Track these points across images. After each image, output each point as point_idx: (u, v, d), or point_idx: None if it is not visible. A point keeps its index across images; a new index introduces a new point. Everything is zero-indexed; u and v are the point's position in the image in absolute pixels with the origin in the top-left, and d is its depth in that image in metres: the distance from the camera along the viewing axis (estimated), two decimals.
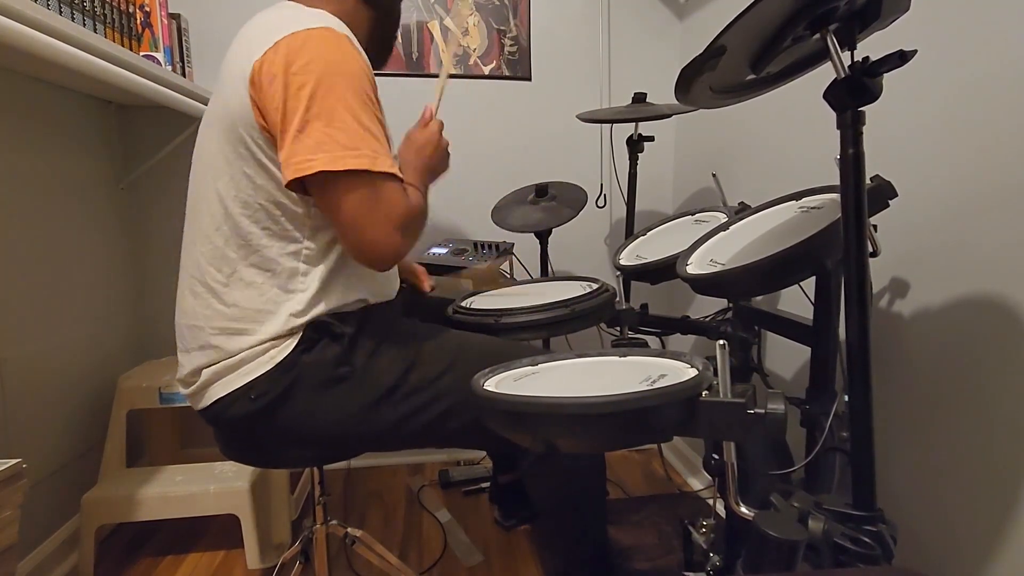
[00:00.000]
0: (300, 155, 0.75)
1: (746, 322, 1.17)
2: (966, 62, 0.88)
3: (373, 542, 1.17)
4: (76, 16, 1.19)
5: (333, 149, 0.75)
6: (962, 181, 0.89)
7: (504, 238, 1.68)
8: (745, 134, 1.55)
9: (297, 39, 0.77)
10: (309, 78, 0.76)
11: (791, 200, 1.02)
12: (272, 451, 0.93)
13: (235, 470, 1.42)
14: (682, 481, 1.81)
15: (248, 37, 0.84)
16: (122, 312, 1.66)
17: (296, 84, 0.75)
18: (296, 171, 0.75)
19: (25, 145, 1.28)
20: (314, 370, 0.85)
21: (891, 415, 1.01)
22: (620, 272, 1.32)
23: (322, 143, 0.75)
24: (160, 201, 1.72)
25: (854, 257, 0.66)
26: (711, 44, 0.66)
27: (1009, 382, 0.82)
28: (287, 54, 0.76)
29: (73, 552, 1.36)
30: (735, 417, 0.59)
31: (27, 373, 1.26)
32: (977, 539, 0.87)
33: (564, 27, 1.90)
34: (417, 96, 1.84)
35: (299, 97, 0.75)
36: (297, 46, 0.77)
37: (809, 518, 0.66)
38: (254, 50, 0.78)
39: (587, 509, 1.04)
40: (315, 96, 0.75)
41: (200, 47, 1.69)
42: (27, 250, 1.28)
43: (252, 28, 0.86)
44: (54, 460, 1.35)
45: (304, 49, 0.77)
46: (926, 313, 0.96)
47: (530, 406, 0.62)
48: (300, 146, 0.75)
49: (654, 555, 1.35)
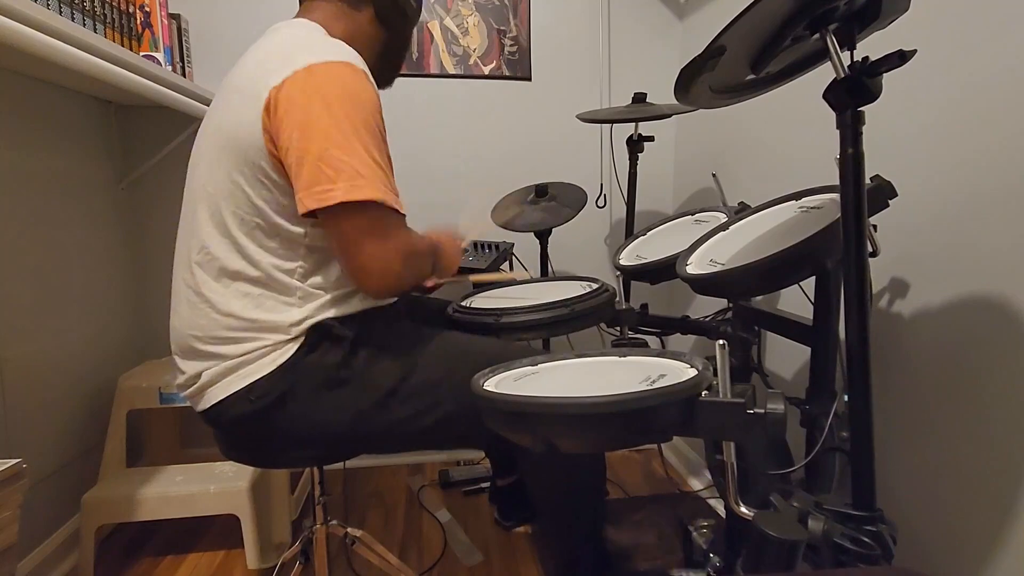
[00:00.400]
0: (321, 184, 0.77)
1: (746, 322, 1.17)
2: (966, 62, 0.88)
3: (373, 542, 1.17)
4: (76, 16, 1.19)
5: (352, 179, 0.77)
6: (962, 181, 0.89)
7: (504, 238, 1.68)
8: (745, 134, 1.55)
9: (317, 71, 0.79)
10: (327, 111, 0.77)
11: (791, 200, 1.02)
12: (272, 452, 0.93)
13: (235, 470, 1.42)
14: (682, 481, 1.81)
15: (263, 57, 0.85)
16: (122, 312, 1.66)
17: (314, 115, 0.77)
18: (318, 201, 0.77)
19: (25, 145, 1.29)
20: (315, 372, 0.85)
21: (891, 415, 1.01)
22: (620, 272, 1.32)
23: (341, 172, 0.77)
24: (160, 201, 1.72)
25: (854, 257, 0.66)
26: (711, 44, 0.66)
27: (1009, 382, 0.82)
28: (305, 86, 0.78)
29: (73, 552, 1.36)
30: (735, 417, 0.59)
31: (27, 373, 1.26)
32: (977, 539, 0.87)
33: (564, 27, 1.90)
34: (417, 96, 1.84)
35: (317, 127, 0.77)
36: (317, 78, 0.79)
37: (809, 518, 0.66)
38: (271, 75, 0.79)
39: (587, 509, 1.04)
40: (332, 128, 0.77)
41: (200, 47, 1.69)
42: (27, 250, 1.28)
43: (269, 45, 0.87)
44: (54, 460, 1.35)
45: (324, 82, 0.79)
46: (926, 313, 0.96)
47: (530, 406, 0.62)
48: (320, 175, 0.77)
49: (654, 555, 1.35)
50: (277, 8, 1.69)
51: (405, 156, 0.87)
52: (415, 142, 1.85)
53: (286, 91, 0.78)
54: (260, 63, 0.84)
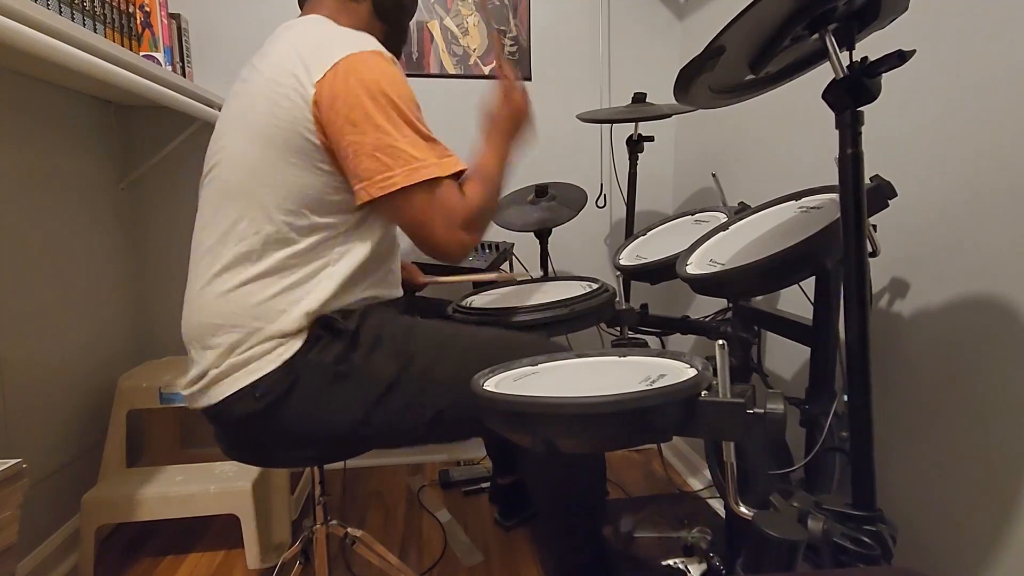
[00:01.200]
0: (381, 173, 0.83)
1: (746, 322, 1.17)
2: (966, 62, 0.88)
3: (373, 542, 1.17)
4: (76, 16, 1.19)
5: (408, 162, 0.83)
6: (962, 181, 0.89)
7: (504, 238, 1.68)
8: (745, 134, 1.55)
9: (355, 63, 0.83)
10: (374, 101, 0.82)
11: (791, 200, 1.02)
12: (274, 450, 0.93)
13: (235, 470, 1.42)
14: (682, 481, 1.81)
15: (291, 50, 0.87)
16: (122, 312, 1.66)
17: (362, 108, 0.82)
18: (380, 189, 0.83)
19: (25, 145, 1.29)
20: (316, 368, 0.85)
21: (891, 415, 1.01)
22: (620, 272, 1.32)
23: (397, 158, 0.83)
24: (160, 201, 1.72)
25: (854, 257, 0.66)
26: (710, 44, 0.66)
27: (1009, 382, 0.82)
28: (347, 78, 0.82)
29: (73, 552, 1.36)
30: (735, 417, 0.59)
31: (27, 373, 1.26)
32: (977, 539, 0.87)
33: (564, 27, 1.90)
34: (416, 96, 1.84)
35: (368, 118, 0.82)
36: (357, 70, 0.83)
37: (809, 518, 0.66)
38: (312, 69, 0.83)
39: (587, 509, 1.04)
40: (381, 115, 0.82)
41: (200, 47, 1.69)
42: (27, 250, 1.28)
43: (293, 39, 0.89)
44: (54, 460, 1.35)
45: (364, 73, 0.83)
46: (926, 313, 0.96)
47: (530, 406, 0.62)
48: (379, 164, 0.82)
49: (654, 555, 1.35)
50: (277, 8, 1.70)
51: None
52: None
53: (329, 83, 0.82)
54: (290, 56, 0.86)
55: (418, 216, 0.86)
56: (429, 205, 0.85)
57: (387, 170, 0.82)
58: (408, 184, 0.83)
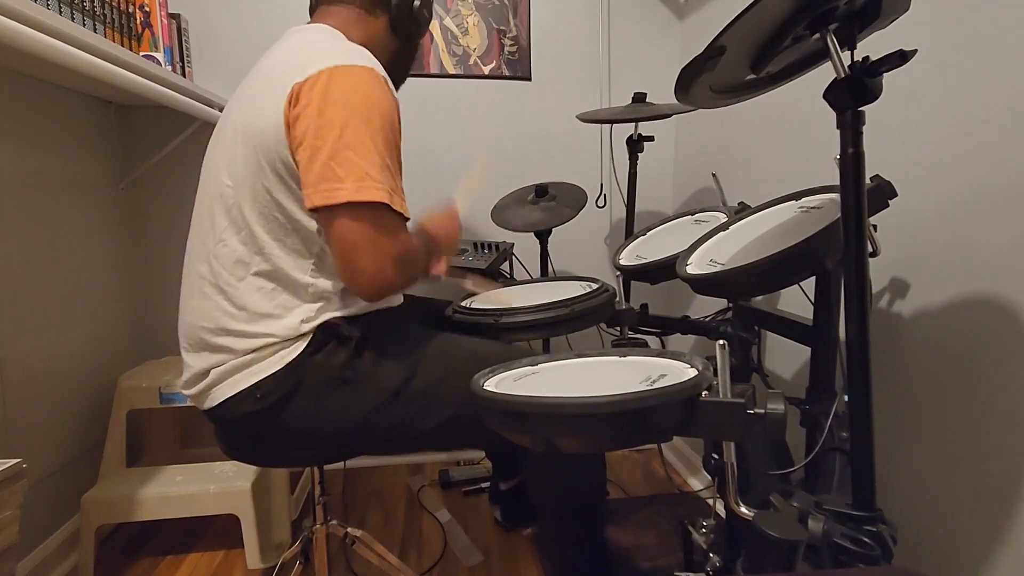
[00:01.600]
0: (329, 182, 0.77)
1: (746, 322, 1.17)
2: (966, 62, 0.88)
3: (373, 542, 1.17)
4: (76, 16, 1.19)
5: (361, 179, 0.77)
6: (962, 181, 0.89)
7: (504, 238, 1.68)
8: (745, 134, 1.55)
9: (340, 73, 0.80)
10: (345, 110, 0.78)
11: (791, 200, 1.02)
12: (274, 451, 0.93)
13: (235, 470, 1.42)
14: (682, 481, 1.81)
15: (286, 56, 0.86)
16: (122, 312, 1.66)
17: (331, 113, 0.78)
18: (324, 198, 0.78)
19: (25, 145, 1.28)
20: (320, 372, 0.85)
21: (891, 415, 1.01)
22: (620, 272, 1.32)
23: (351, 172, 0.77)
24: (160, 201, 1.72)
25: (854, 257, 0.66)
26: (711, 44, 0.66)
27: (1009, 382, 0.82)
28: (327, 84, 0.79)
29: (73, 552, 1.36)
30: (735, 417, 0.59)
31: (27, 373, 1.26)
32: (977, 539, 0.87)
33: (564, 27, 1.90)
34: (416, 96, 1.84)
35: (333, 125, 0.78)
36: (339, 79, 0.80)
37: (809, 518, 0.66)
38: (296, 71, 0.81)
39: (587, 510, 1.04)
40: (347, 127, 0.78)
41: (200, 47, 1.69)
42: (27, 250, 1.28)
43: (292, 46, 0.88)
44: (54, 460, 1.35)
45: (345, 84, 0.80)
46: (926, 313, 0.96)
47: (530, 406, 0.62)
48: (330, 173, 0.77)
49: (654, 555, 1.35)
50: (277, 8, 1.70)
51: (405, 156, 0.87)
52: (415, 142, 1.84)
53: (308, 86, 0.79)
54: (284, 61, 0.85)
55: (353, 237, 0.79)
56: (369, 229, 0.79)
57: (336, 180, 0.77)
58: (354, 200, 0.77)
